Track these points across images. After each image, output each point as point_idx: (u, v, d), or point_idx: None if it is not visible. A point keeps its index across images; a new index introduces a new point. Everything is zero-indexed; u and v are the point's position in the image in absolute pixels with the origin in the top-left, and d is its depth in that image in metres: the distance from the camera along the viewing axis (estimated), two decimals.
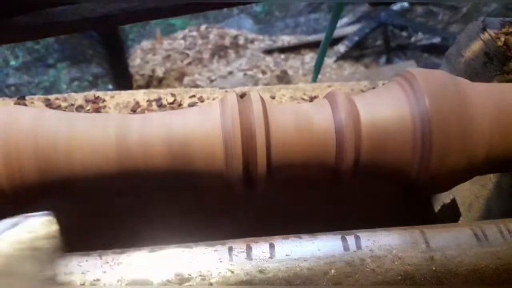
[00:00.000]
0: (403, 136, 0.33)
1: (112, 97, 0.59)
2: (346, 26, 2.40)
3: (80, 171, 0.32)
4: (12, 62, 2.19)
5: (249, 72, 2.04)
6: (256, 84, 1.93)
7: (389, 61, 2.23)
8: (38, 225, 0.25)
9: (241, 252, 0.29)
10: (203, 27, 2.34)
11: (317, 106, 0.35)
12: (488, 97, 0.34)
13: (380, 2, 0.61)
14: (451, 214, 0.55)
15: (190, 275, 0.28)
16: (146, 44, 2.22)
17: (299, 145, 0.34)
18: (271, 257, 0.29)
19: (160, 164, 0.33)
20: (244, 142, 0.32)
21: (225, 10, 2.47)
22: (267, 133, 0.33)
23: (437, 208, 0.58)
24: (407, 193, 0.37)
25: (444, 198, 0.57)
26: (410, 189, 0.36)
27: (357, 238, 0.30)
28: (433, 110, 0.32)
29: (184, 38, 2.27)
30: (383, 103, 0.34)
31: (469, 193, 0.53)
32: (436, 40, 2.24)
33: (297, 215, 0.53)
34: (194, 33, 2.30)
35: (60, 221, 0.49)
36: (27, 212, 0.26)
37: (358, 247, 0.30)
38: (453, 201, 0.55)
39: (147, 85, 1.98)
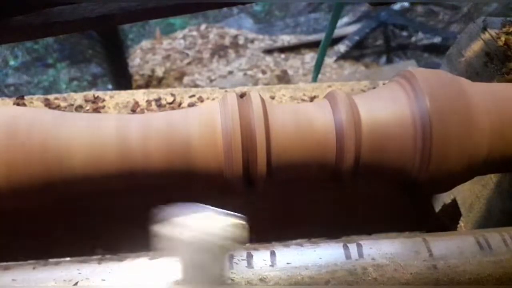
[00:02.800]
0: (403, 135, 0.33)
1: (111, 97, 0.59)
2: (346, 26, 2.40)
3: (80, 171, 0.32)
4: (12, 62, 2.19)
5: (249, 72, 2.04)
6: (256, 84, 1.93)
7: (389, 61, 2.23)
8: (231, 225, 0.27)
9: (242, 260, 0.29)
10: (203, 27, 2.34)
11: (317, 106, 0.35)
12: (489, 97, 0.34)
13: (381, 1, 0.61)
14: (452, 214, 0.55)
15: None
16: (145, 43, 2.22)
17: (299, 145, 0.33)
18: (272, 265, 0.29)
19: (160, 164, 0.33)
20: (244, 142, 0.32)
21: (225, 9, 2.47)
22: (267, 133, 0.32)
23: (437, 208, 0.58)
24: (407, 193, 0.36)
25: (444, 198, 0.56)
26: (411, 189, 0.36)
27: (359, 246, 0.30)
28: (433, 110, 0.32)
29: (183, 37, 2.27)
30: (384, 103, 0.34)
31: (470, 193, 0.52)
32: (437, 39, 2.24)
33: (297, 216, 0.53)
34: (194, 33, 2.30)
35: (57, 223, 0.48)
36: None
37: (360, 255, 0.29)
38: (454, 201, 0.55)
39: (146, 85, 1.98)
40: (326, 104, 0.35)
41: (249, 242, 0.30)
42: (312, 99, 0.60)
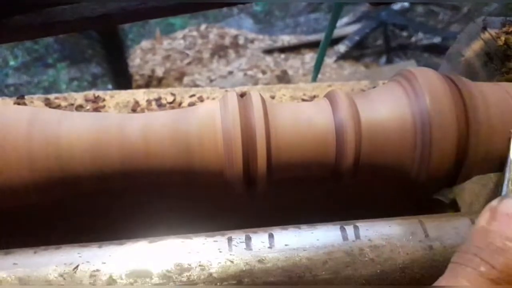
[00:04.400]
0: (403, 135, 0.33)
1: (112, 96, 0.59)
2: (346, 26, 2.40)
3: (81, 170, 0.32)
4: (12, 62, 2.19)
5: (249, 72, 2.04)
6: (256, 84, 1.93)
7: (389, 61, 2.22)
8: None
9: (241, 242, 0.30)
10: (203, 27, 2.34)
11: (317, 105, 0.35)
12: (489, 97, 0.34)
13: (381, 1, 0.61)
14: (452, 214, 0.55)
15: (189, 265, 0.28)
16: (145, 44, 2.22)
17: (299, 144, 0.33)
18: (270, 247, 0.29)
19: (160, 163, 0.33)
20: (244, 141, 0.32)
21: (225, 9, 2.47)
22: (267, 132, 0.33)
23: (437, 207, 0.58)
24: (407, 192, 0.37)
25: (445, 198, 0.56)
26: (410, 188, 0.36)
27: (356, 228, 0.30)
28: (433, 109, 0.32)
29: (183, 37, 2.27)
30: (384, 102, 0.34)
31: (469, 193, 0.52)
32: (437, 39, 2.24)
33: (297, 214, 0.53)
34: (194, 33, 2.30)
35: (58, 222, 0.48)
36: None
37: (357, 237, 0.30)
38: (454, 201, 0.55)
39: (146, 85, 1.98)
40: (326, 103, 0.35)
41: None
42: (312, 99, 0.60)
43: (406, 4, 2.35)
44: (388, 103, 0.34)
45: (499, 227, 0.25)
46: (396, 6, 2.38)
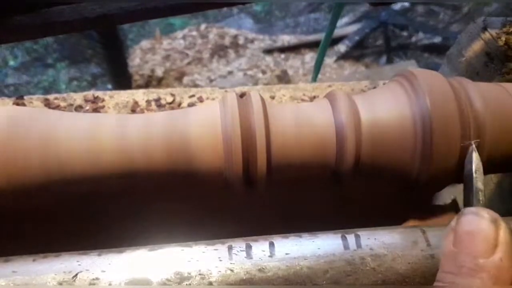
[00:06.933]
0: (404, 135, 0.33)
1: (111, 97, 0.59)
2: (347, 26, 2.40)
3: (79, 171, 0.32)
4: (11, 62, 2.19)
5: (249, 72, 2.04)
6: (256, 83, 1.93)
7: (389, 61, 2.23)
8: None
9: (241, 251, 0.29)
10: (202, 27, 2.34)
11: (317, 105, 0.35)
12: (490, 97, 0.34)
13: (381, 1, 0.61)
14: (452, 215, 0.55)
15: (189, 274, 0.28)
16: (145, 43, 2.22)
17: (299, 145, 0.33)
18: (271, 256, 0.29)
19: (160, 164, 0.33)
20: (244, 142, 0.32)
21: (224, 9, 2.47)
22: (267, 133, 0.32)
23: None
24: (408, 193, 0.36)
25: (445, 198, 0.56)
26: (411, 189, 0.36)
27: (357, 237, 0.30)
28: (434, 110, 0.32)
29: (183, 37, 2.27)
30: (384, 103, 0.34)
31: None
32: (437, 39, 2.25)
33: (297, 215, 0.53)
34: (194, 33, 2.30)
35: (57, 224, 0.48)
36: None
37: (358, 246, 0.30)
38: (454, 201, 0.55)
39: (146, 85, 1.98)
40: (326, 103, 0.35)
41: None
42: (312, 99, 0.60)
43: (406, 4, 2.35)
44: (389, 103, 0.34)
45: (465, 248, 0.24)
46: (396, 6, 2.38)
